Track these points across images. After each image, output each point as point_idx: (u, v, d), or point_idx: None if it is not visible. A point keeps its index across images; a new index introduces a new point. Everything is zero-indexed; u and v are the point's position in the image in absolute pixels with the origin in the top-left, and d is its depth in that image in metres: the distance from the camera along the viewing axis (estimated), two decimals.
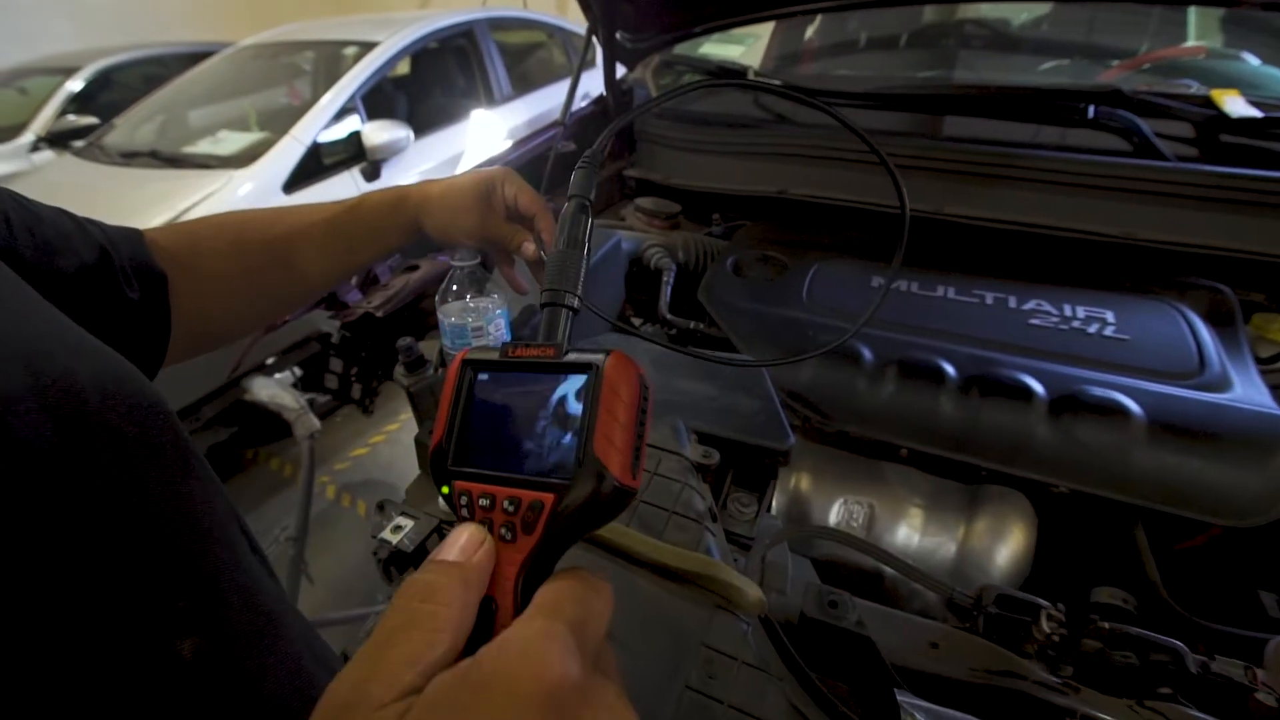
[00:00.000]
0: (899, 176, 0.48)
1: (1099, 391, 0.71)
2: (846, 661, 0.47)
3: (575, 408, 0.27)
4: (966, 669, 0.48)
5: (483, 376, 0.31)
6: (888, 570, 0.75)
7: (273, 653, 0.32)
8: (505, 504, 0.27)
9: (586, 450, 0.26)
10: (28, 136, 3.51)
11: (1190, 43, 1.46)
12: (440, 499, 0.31)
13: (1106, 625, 0.50)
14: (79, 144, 3.03)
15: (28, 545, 0.24)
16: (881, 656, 0.45)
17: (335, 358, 1.34)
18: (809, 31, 1.82)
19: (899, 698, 0.42)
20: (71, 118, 3.63)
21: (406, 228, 0.64)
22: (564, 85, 3.70)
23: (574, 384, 0.28)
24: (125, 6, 6.00)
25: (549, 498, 0.27)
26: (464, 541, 0.27)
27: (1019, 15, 1.65)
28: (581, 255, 0.36)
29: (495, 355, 0.31)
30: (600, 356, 0.28)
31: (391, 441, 2.66)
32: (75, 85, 3.82)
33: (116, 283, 0.46)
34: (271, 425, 1.58)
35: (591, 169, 0.41)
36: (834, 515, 0.80)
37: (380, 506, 0.59)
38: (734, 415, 0.59)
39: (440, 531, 0.58)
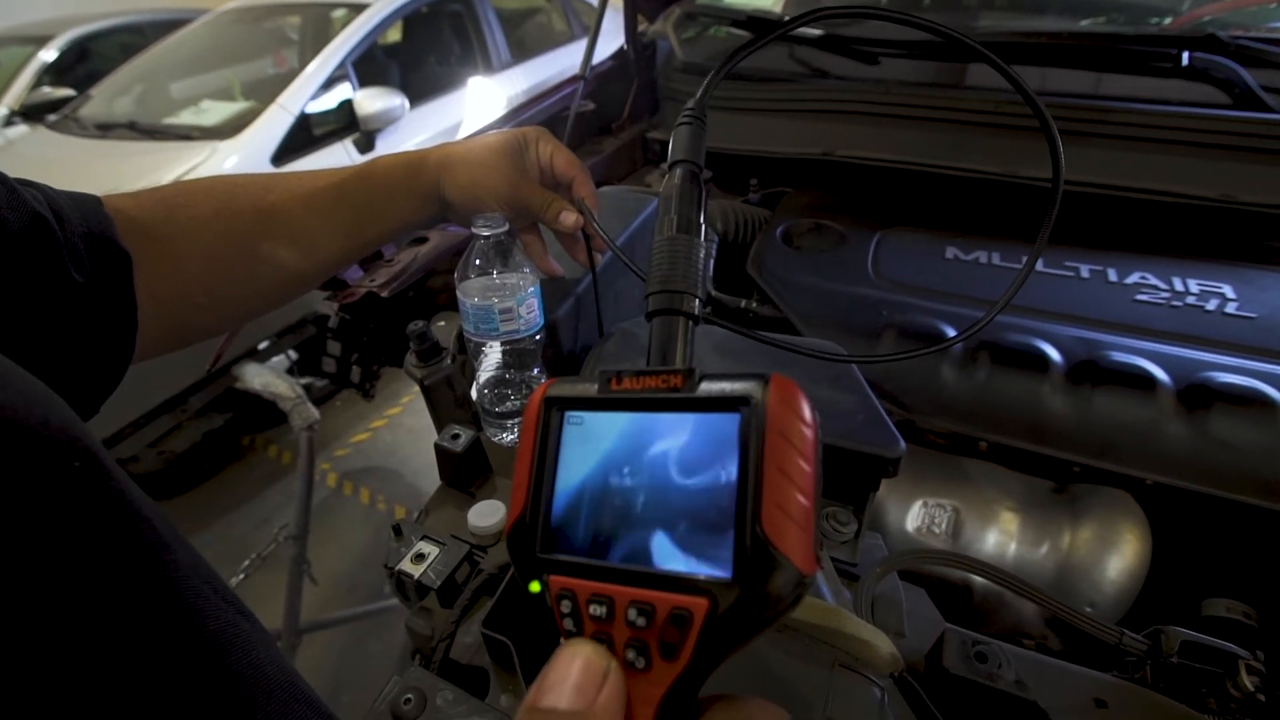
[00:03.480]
0: (1059, 144, 0.39)
1: (1237, 380, 0.61)
2: None
3: (726, 465, 0.18)
4: None
5: (575, 420, 0.21)
6: (977, 582, 0.66)
7: None
8: (631, 613, 0.18)
9: (753, 529, 0.17)
10: (0, 110, 3.33)
11: None
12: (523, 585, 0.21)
13: None
14: (53, 117, 2.87)
15: None
16: None
17: (333, 340, 1.23)
18: None
19: None
20: (46, 89, 3.44)
21: (426, 193, 0.53)
22: (563, 52, 3.56)
23: (719, 428, 0.19)
24: None
25: (700, 604, 0.17)
26: (577, 676, 0.17)
27: None
28: (699, 243, 0.27)
29: (592, 389, 0.21)
30: (754, 385, 0.18)
31: (394, 425, 2.58)
32: (49, 55, 3.63)
33: (58, 261, 0.35)
34: (268, 410, 1.48)
35: (699, 125, 0.31)
36: (912, 520, 0.70)
37: (396, 530, 0.49)
38: (828, 415, 0.49)
39: (472, 560, 0.48)
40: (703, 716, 0.18)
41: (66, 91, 3.32)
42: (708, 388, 0.19)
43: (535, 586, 0.20)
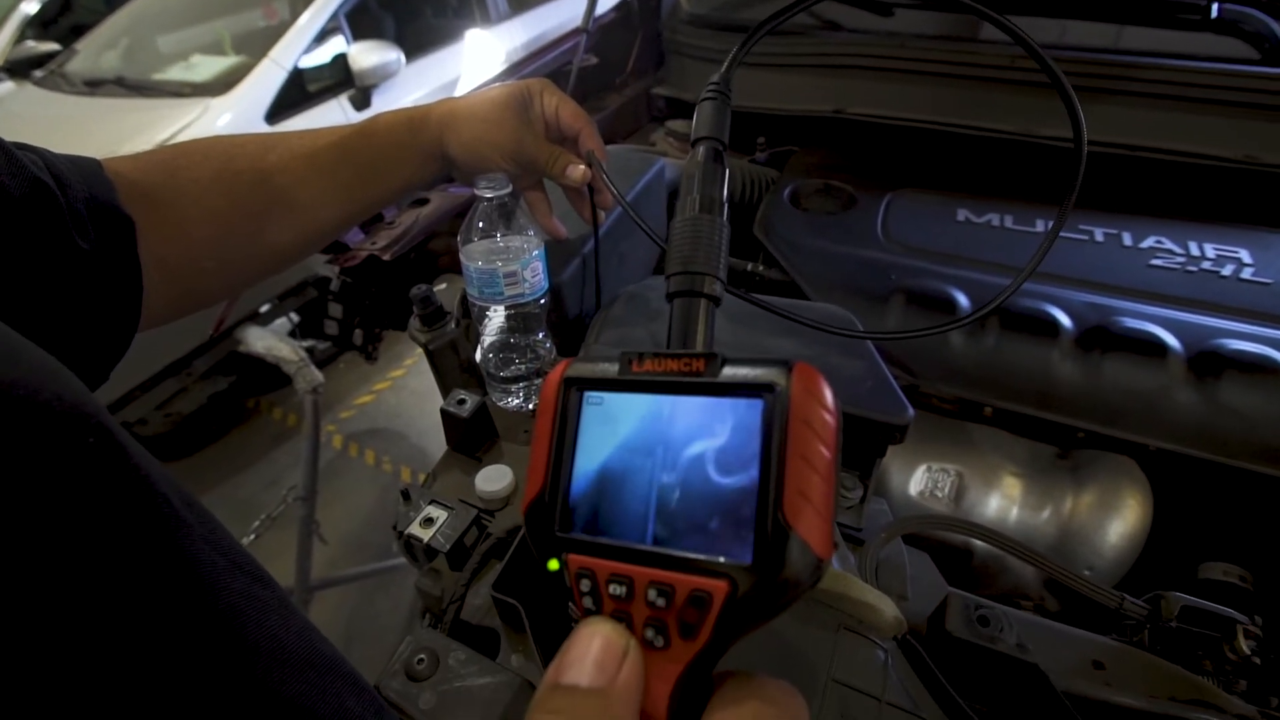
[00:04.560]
0: (1077, 104, 0.37)
1: (1249, 346, 0.60)
2: (1005, 694, 0.38)
3: (748, 451, 0.18)
4: (1142, 695, 0.40)
5: (595, 400, 0.21)
6: (978, 546, 0.66)
7: None
8: (650, 594, 0.18)
9: (774, 516, 0.17)
10: None
11: None
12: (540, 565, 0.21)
13: None
14: (39, 73, 2.79)
15: None
16: (1057, 692, 0.36)
17: (334, 303, 1.22)
18: None
19: None
20: (30, 44, 3.33)
21: (429, 151, 0.52)
22: (564, 3, 3.42)
23: (741, 414, 0.19)
24: None
25: (719, 586, 0.18)
26: (598, 653, 0.17)
27: None
28: (721, 224, 0.26)
29: (612, 370, 0.21)
30: (778, 372, 0.18)
31: (397, 388, 2.59)
32: (30, 7, 3.51)
33: (62, 228, 0.34)
34: (272, 372, 1.48)
35: (723, 100, 0.30)
36: (915, 485, 0.71)
37: (405, 494, 0.49)
38: (836, 381, 0.48)
39: (480, 524, 0.48)
40: (716, 692, 0.18)
41: (51, 46, 3.22)
42: (730, 373, 0.19)
43: (554, 565, 0.21)
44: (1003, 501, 0.68)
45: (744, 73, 1.08)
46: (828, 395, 0.18)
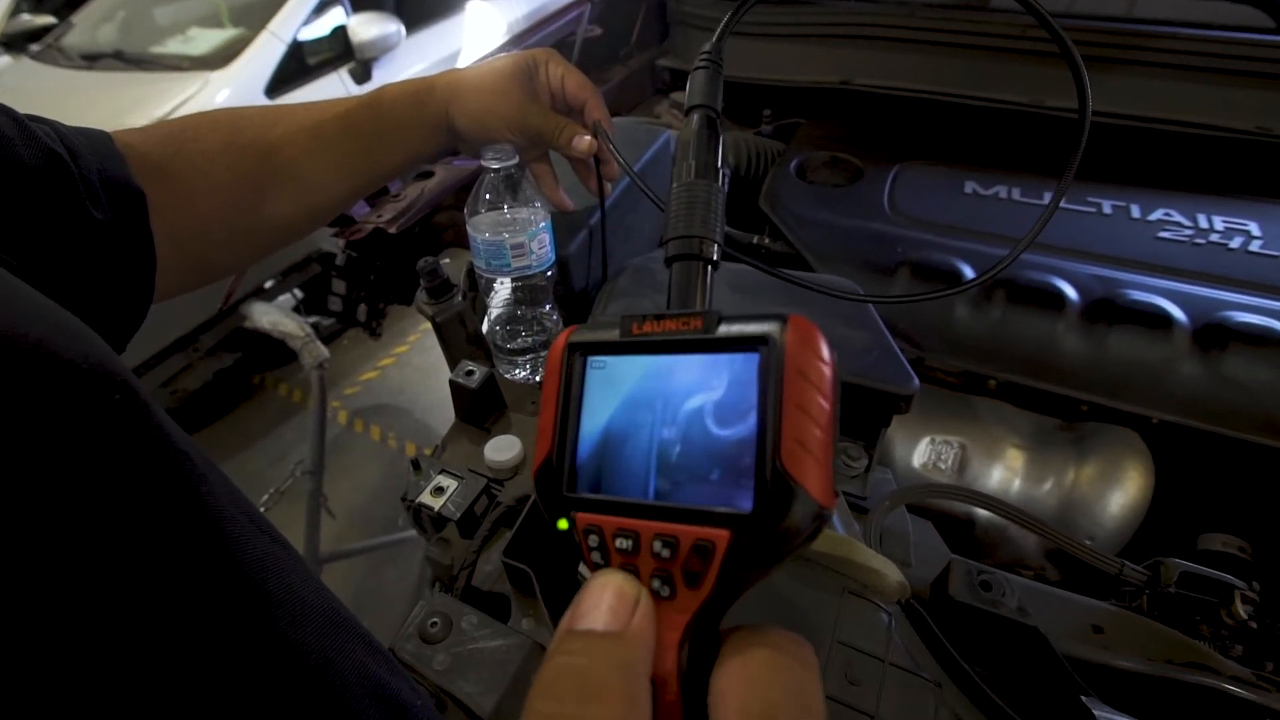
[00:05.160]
0: (1084, 73, 0.38)
1: (1255, 319, 0.60)
2: (1006, 656, 0.39)
3: (746, 403, 0.19)
4: (1140, 658, 0.40)
5: (598, 364, 0.22)
6: (980, 516, 0.67)
7: None
8: (656, 545, 0.19)
9: (773, 464, 0.17)
10: None
11: None
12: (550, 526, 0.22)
13: None
14: (36, 47, 2.75)
15: None
16: (1057, 655, 0.37)
17: (338, 279, 1.22)
18: None
19: (1095, 711, 0.34)
20: (26, 17, 3.29)
21: (435, 123, 0.52)
22: None
23: (739, 367, 0.19)
24: None
25: (721, 535, 0.18)
26: (611, 601, 0.18)
27: None
28: (718, 188, 0.27)
29: (614, 334, 0.22)
30: (773, 326, 0.18)
31: (401, 364, 2.59)
32: None
33: (76, 199, 0.34)
34: (277, 349, 1.49)
35: (715, 69, 0.31)
36: (919, 456, 0.71)
37: (415, 464, 0.50)
38: (842, 352, 0.49)
39: (489, 493, 0.49)
40: (725, 643, 0.19)
41: (47, 19, 3.17)
42: (727, 329, 0.19)
43: (563, 524, 0.21)
44: (1005, 473, 0.69)
45: (749, 44, 1.06)
46: (823, 346, 0.18)
